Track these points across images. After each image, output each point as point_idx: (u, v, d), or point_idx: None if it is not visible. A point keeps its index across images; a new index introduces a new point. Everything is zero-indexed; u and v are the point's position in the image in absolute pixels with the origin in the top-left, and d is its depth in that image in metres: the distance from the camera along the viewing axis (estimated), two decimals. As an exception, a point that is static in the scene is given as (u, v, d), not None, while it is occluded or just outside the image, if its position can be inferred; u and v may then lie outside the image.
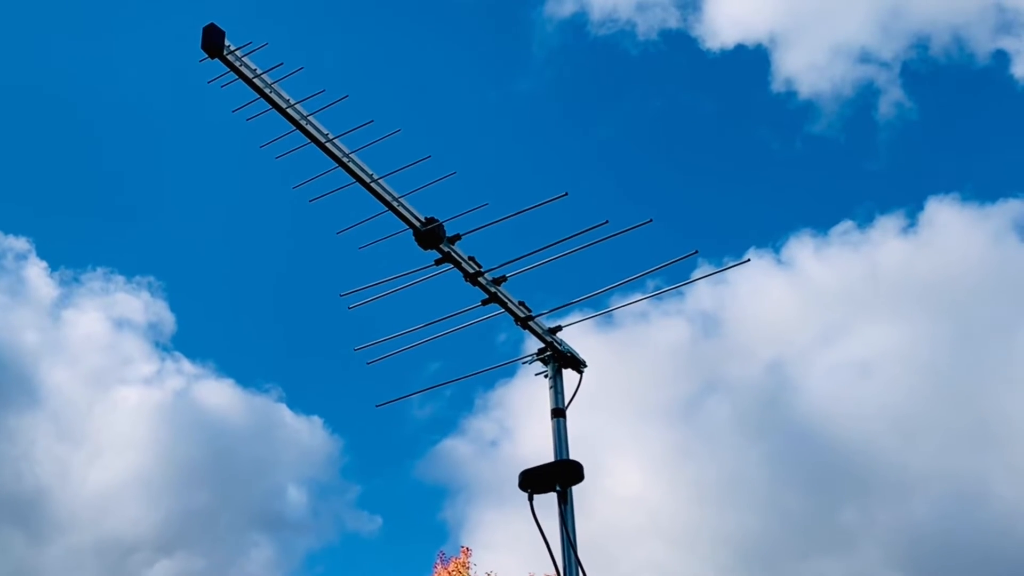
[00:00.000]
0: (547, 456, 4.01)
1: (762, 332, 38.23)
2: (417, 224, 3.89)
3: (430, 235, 3.88)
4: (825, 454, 33.15)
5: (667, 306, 37.78)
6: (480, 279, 4.07)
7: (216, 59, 3.33)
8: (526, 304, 4.20)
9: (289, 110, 3.55)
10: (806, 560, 32.30)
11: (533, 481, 3.89)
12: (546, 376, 4.20)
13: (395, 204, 3.85)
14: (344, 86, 3.59)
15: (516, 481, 3.91)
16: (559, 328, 4.28)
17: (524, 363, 4.28)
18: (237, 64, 3.38)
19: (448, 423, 43.14)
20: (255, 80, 3.43)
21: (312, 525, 39.29)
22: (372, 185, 3.80)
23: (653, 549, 32.76)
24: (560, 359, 4.22)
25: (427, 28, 39.86)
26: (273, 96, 3.50)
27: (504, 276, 4.12)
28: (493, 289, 4.11)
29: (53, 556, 33.51)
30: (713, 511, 33.80)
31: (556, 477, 3.88)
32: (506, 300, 4.16)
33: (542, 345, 4.25)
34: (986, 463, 32.92)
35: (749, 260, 4.66)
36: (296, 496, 40.12)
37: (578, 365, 4.26)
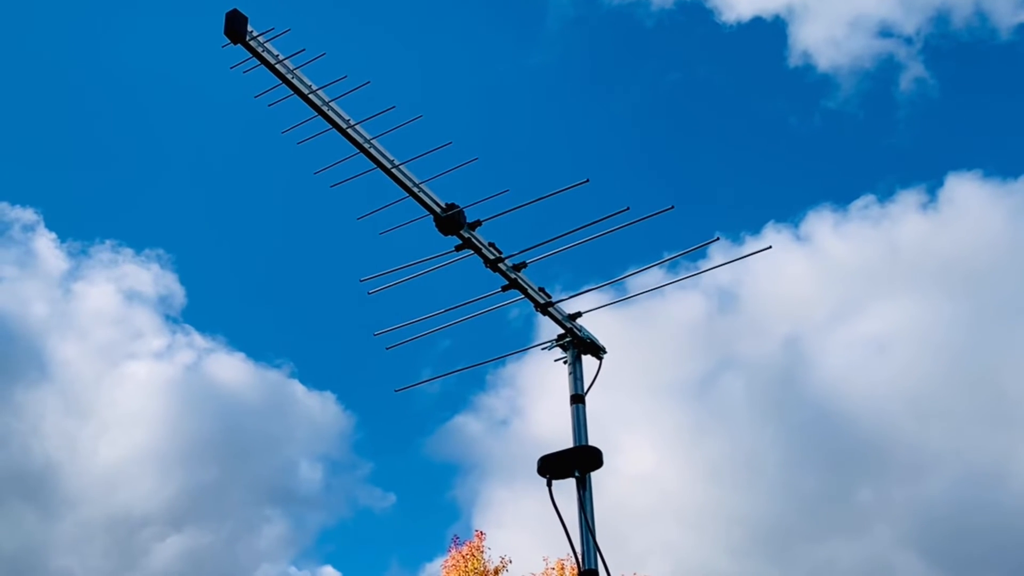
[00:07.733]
0: (558, 437, 4.01)
1: (779, 308, 38.12)
2: (438, 210, 3.89)
3: (450, 221, 3.88)
4: (840, 433, 33.11)
5: (683, 281, 37.51)
6: (500, 265, 4.07)
7: (239, 44, 3.33)
8: (546, 290, 4.19)
9: (311, 96, 3.55)
10: (820, 540, 32.37)
11: (552, 467, 3.89)
12: (565, 362, 4.20)
13: (416, 190, 3.85)
14: (366, 71, 3.59)
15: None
16: (579, 314, 4.27)
17: (544, 349, 4.29)
18: (259, 50, 3.38)
19: (459, 400, 43.20)
20: (277, 66, 3.44)
21: (325, 501, 39.48)
22: (393, 171, 3.80)
23: (666, 529, 32.89)
24: (580, 345, 4.22)
25: (442, 1, 39.57)
26: (295, 82, 3.50)
27: (524, 262, 4.12)
28: (513, 275, 4.11)
29: (63, 531, 33.80)
30: (727, 491, 33.85)
31: (575, 463, 3.88)
32: (526, 286, 4.15)
33: (561, 331, 4.25)
34: (1003, 442, 32.84)
35: (771, 247, 4.65)
36: (309, 472, 40.27)
37: (598, 351, 4.26)
